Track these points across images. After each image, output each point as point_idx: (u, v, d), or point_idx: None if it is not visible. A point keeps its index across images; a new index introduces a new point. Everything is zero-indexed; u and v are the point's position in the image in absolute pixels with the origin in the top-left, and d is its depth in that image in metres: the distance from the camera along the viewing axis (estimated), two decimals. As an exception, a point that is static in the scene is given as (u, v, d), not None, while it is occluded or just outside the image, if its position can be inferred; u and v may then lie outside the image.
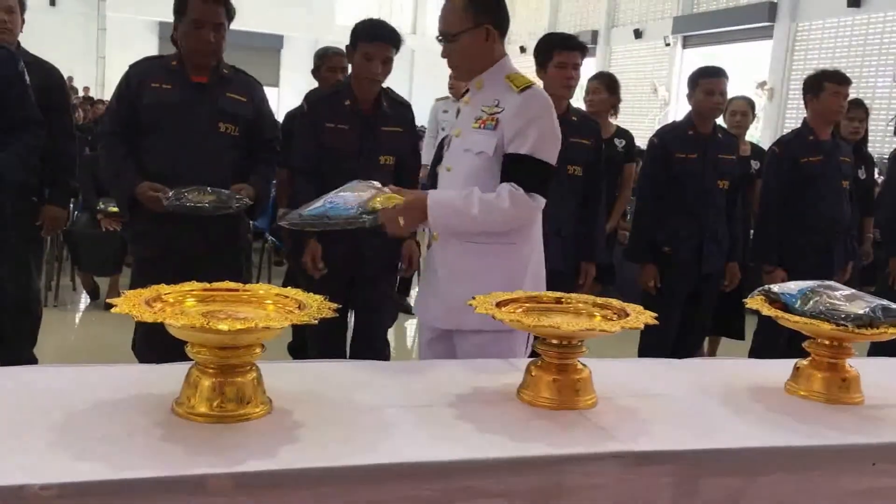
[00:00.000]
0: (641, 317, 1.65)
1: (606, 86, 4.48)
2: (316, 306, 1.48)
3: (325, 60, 4.11)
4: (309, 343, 3.53)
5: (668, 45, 18.49)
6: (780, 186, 3.77)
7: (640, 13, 20.02)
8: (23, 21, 3.42)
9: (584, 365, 1.67)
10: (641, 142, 4.89)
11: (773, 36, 15.43)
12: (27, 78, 2.94)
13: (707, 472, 1.47)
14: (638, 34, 19.61)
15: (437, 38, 2.29)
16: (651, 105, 18.66)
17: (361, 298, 3.27)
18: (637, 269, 3.89)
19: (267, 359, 1.49)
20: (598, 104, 4.43)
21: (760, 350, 3.79)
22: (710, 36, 17.23)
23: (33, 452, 1.22)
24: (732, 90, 4.03)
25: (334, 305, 1.49)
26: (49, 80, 3.33)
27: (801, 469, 1.53)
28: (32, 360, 3.60)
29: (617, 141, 4.45)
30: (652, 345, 3.66)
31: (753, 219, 4.12)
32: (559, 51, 3.26)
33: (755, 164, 4.59)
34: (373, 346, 3.35)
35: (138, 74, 2.95)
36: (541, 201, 2.21)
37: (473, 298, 1.72)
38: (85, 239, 5.23)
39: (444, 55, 2.29)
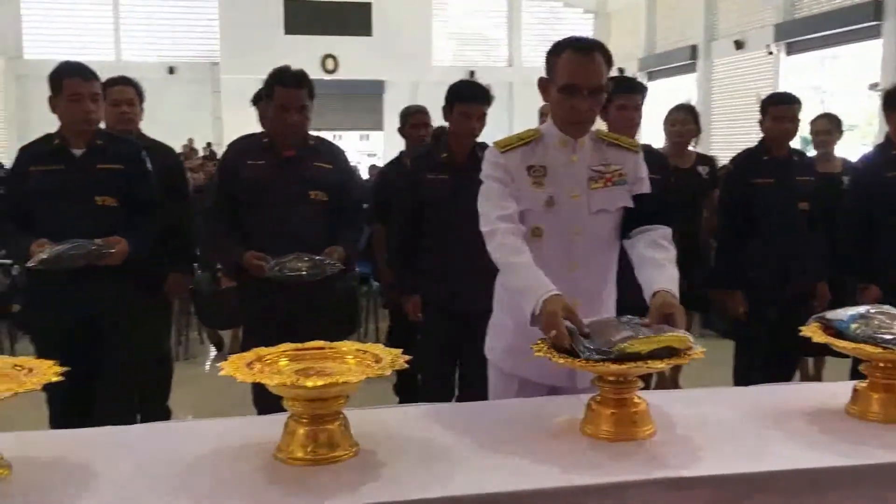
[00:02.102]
0: (689, 353, 1.79)
1: (693, 116, 4.60)
2: (390, 360, 1.70)
3: (408, 119, 4.42)
4: (421, 382, 3.79)
5: (770, 53, 18.03)
6: (861, 203, 3.76)
7: (740, 24, 19.62)
8: (142, 110, 3.85)
9: (640, 398, 1.82)
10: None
11: (881, 35, 14.86)
12: (149, 165, 3.33)
13: (753, 494, 1.59)
14: (739, 45, 19.20)
15: (583, 91, 2.16)
16: (757, 116, 18.21)
17: (469, 337, 3.47)
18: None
19: (373, 398, 1.71)
20: (687, 134, 4.54)
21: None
22: (815, 41, 16.69)
23: (157, 497, 1.48)
24: (844, 93, 3.95)
25: (406, 358, 1.70)
26: (167, 161, 3.74)
27: (850, 488, 1.63)
28: (167, 412, 4.00)
29: (700, 168, 4.52)
30: (744, 369, 3.71)
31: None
32: (619, 94, 3.40)
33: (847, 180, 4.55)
34: (479, 384, 3.54)
35: (235, 153, 3.33)
36: None
37: (536, 344, 1.90)
38: (207, 296, 5.68)
39: (589, 107, 2.19)
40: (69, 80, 3.09)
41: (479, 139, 3.49)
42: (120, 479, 1.55)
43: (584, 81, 2.16)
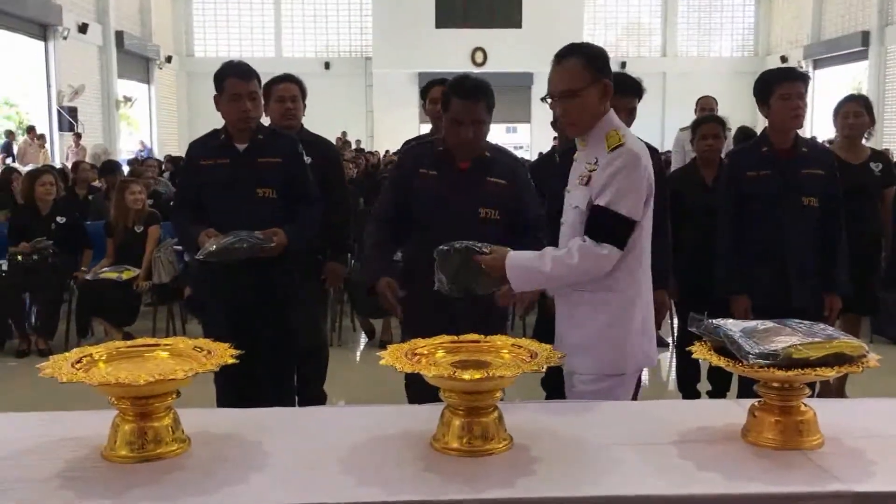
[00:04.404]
0: (864, 361, 1.68)
1: (866, 108, 4.32)
2: (545, 356, 1.70)
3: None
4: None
5: (953, 38, 16.67)
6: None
7: (919, 6, 18.24)
8: (304, 106, 4.00)
9: (807, 406, 1.73)
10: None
11: None
12: (307, 159, 3.46)
13: (935, 515, 1.48)
14: (917, 30, 17.87)
15: (544, 98, 2.43)
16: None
17: None
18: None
19: (521, 393, 1.72)
20: (860, 127, 4.28)
21: None
22: None
23: (325, 478, 1.55)
24: None
25: (560, 354, 1.70)
26: (325, 156, 3.88)
27: None
28: (323, 395, 4.17)
29: (873, 165, 4.23)
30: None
31: None
32: (780, 83, 3.22)
33: None
34: None
35: (410, 159, 3.13)
36: (614, 252, 2.27)
37: (693, 345, 1.85)
38: (360, 287, 5.86)
39: (559, 114, 2.40)
40: (229, 81, 3.26)
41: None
42: (289, 458, 1.64)
43: (556, 88, 2.36)
